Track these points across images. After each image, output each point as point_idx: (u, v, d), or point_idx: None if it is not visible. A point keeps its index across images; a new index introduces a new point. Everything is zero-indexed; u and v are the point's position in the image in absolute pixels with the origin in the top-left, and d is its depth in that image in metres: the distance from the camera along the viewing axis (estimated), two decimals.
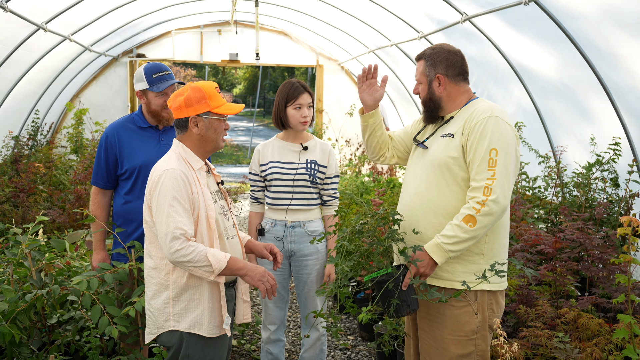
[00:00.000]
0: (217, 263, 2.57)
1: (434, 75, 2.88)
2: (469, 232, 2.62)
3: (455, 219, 2.66)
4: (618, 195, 5.05)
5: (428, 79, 2.89)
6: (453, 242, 2.63)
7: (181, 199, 2.61)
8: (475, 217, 2.61)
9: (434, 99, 2.90)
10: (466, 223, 2.62)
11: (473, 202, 2.64)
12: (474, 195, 2.66)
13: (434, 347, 2.86)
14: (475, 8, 5.70)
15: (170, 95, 2.85)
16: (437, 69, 2.88)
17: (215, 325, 2.74)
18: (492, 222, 2.65)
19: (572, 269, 4.09)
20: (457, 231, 2.63)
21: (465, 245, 2.65)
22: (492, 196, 2.61)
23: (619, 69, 4.68)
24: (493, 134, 2.69)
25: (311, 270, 3.64)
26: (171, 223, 2.57)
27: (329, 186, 3.70)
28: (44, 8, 6.67)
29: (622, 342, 3.02)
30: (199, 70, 29.05)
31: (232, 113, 2.80)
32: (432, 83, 2.88)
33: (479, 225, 2.61)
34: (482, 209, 2.61)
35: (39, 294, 3.02)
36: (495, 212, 2.63)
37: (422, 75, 2.92)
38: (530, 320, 3.49)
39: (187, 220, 2.61)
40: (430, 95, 2.90)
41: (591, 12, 4.51)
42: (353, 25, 9.23)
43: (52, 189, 7.07)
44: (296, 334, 5.26)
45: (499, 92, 6.95)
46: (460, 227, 2.63)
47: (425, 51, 2.95)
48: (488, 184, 2.63)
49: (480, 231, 2.63)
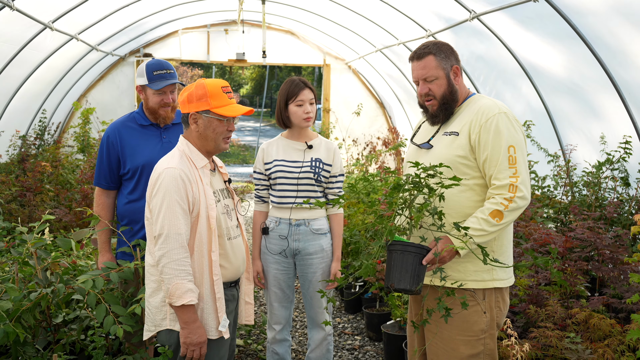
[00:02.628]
0: (177, 293, 2.54)
1: (450, 67, 2.81)
2: (495, 226, 2.61)
3: (481, 213, 2.63)
4: (629, 195, 4.99)
5: (445, 72, 2.80)
6: (479, 235, 2.61)
7: (179, 200, 2.59)
8: (503, 213, 2.61)
9: (454, 92, 2.81)
10: (493, 218, 2.61)
11: (500, 197, 2.62)
12: (499, 192, 2.64)
13: (443, 349, 2.82)
14: (484, 5, 5.65)
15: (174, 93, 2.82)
16: (451, 60, 2.82)
17: (213, 327, 2.71)
18: (515, 217, 2.66)
19: (582, 268, 4.03)
20: (484, 225, 2.61)
21: (488, 239, 2.64)
22: (519, 193, 2.62)
23: (629, 66, 4.62)
24: (508, 131, 2.67)
25: (316, 269, 3.60)
26: (165, 224, 2.56)
27: (334, 185, 3.66)
28: (51, 7, 6.67)
29: (635, 343, 2.96)
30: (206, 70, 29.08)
31: (233, 115, 2.73)
32: (450, 75, 2.81)
33: (505, 220, 2.62)
34: (511, 205, 2.61)
35: (43, 292, 3.00)
36: (521, 208, 2.64)
37: (438, 69, 2.80)
38: (541, 321, 3.44)
39: (183, 222, 2.59)
40: (451, 88, 2.80)
41: (601, 9, 4.45)
42: (360, 24, 9.19)
43: (59, 188, 7.07)
44: (303, 334, 5.22)
45: (507, 90, 6.90)
46: (488, 222, 2.61)
47: (427, 47, 2.84)
48: (512, 182, 2.63)
49: (503, 226, 2.64)
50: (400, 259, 2.55)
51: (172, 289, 2.55)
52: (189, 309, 2.58)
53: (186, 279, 2.56)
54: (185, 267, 2.57)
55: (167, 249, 2.56)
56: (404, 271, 2.53)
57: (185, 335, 2.61)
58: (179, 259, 2.57)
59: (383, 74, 10.62)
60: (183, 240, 2.59)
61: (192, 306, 2.59)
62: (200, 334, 2.62)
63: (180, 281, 2.55)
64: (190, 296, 2.56)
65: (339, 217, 3.70)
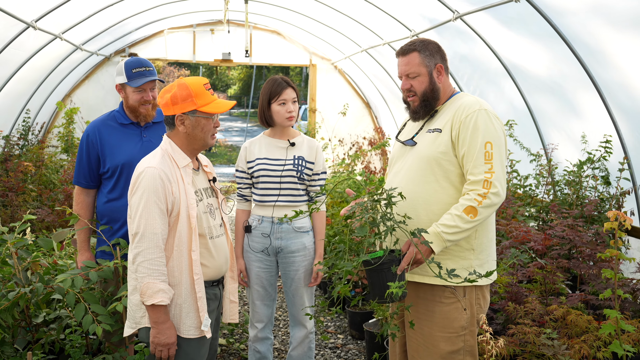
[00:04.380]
0: (148, 292, 2.55)
1: (434, 65, 2.85)
2: (469, 222, 2.62)
3: (455, 210, 2.64)
4: (609, 193, 5.05)
5: (428, 70, 2.84)
6: (453, 232, 2.62)
7: (157, 200, 2.60)
8: (476, 209, 2.61)
9: (435, 89, 2.86)
10: (467, 214, 2.61)
11: (474, 194, 2.63)
12: (473, 188, 2.65)
13: (423, 345, 2.85)
14: (467, 6, 5.70)
15: (160, 91, 2.82)
16: (435, 58, 2.85)
17: (193, 326, 2.71)
18: (490, 213, 2.66)
19: (562, 266, 4.07)
20: (458, 221, 2.62)
21: (462, 236, 2.64)
22: (493, 189, 2.63)
23: (608, 66, 4.68)
24: (486, 127, 2.69)
25: (298, 266, 3.62)
26: (142, 223, 2.57)
27: (316, 182, 3.68)
28: (34, 6, 6.63)
29: (609, 339, 3.00)
30: (192, 71, 29.00)
31: (220, 112, 2.75)
32: (433, 73, 2.85)
33: (479, 216, 2.62)
34: (484, 201, 2.62)
35: (22, 292, 2.99)
36: (495, 204, 2.65)
37: (420, 66, 2.84)
38: (519, 318, 3.47)
39: (160, 222, 2.60)
40: (432, 85, 2.85)
41: (581, 9, 4.50)
42: (346, 25, 9.21)
43: (42, 188, 7.03)
44: (286, 333, 5.23)
45: (490, 89, 6.95)
46: (461, 218, 2.62)
47: (414, 44, 2.88)
48: (487, 177, 2.64)
49: (478, 223, 2.64)
50: (377, 276, 2.59)
51: (144, 288, 2.56)
52: (159, 309, 2.59)
53: (159, 279, 2.57)
54: (158, 267, 2.58)
55: (142, 248, 2.57)
56: (383, 286, 2.56)
57: (154, 335, 2.61)
58: (153, 258, 2.57)
59: (369, 74, 10.66)
60: (159, 240, 2.60)
61: (163, 306, 2.59)
62: (169, 335, 2.62)
63: (153, 281, 2.56)
64: (161, 296, 2.57)
65: (321, 215, 3.71)
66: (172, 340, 2.62)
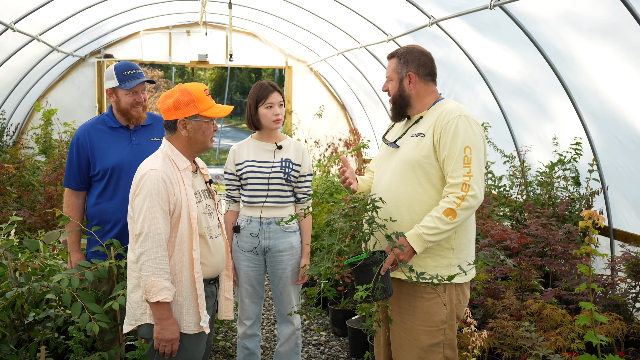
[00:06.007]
0: (153, 290, 2.66)
1: (405, 73, 3.01)
2: (449, 224, 2.75)
3: (435, 212, 2.78)
4: (579, 193, 5.25)
5: (399, 76, 3.02)
6: (433, 233, 2.75)
7: (160, 201, 2.70)
8: (455, 211, 2.75)
9: (404, 96, 3.02)
10: (447, 216, 2.75)
11: (453, 197, 2.77)
12: (452, 190, 2.79)
13: (405, 338, 2.98)
14: (443, 12, 5.85)
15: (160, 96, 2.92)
16: (409, 67, 3.01)
17: (193, 322, 2.81)
18: (469, 215, 2.80)
19: (536, 264, 4.26)
20: (438, 223, 2.75)
21: (443, 236, 2.78)
22: (471, 192, 2.76)
23: (578, 71, 4.87)
24: (466, 132, 2.83)
25: (286, 265, 3.74)
26: (146, 224, 2.66)
27: (303, 184, 3.80)
28: (13, 8, 6.61)
29: (583, 330, 3.18)
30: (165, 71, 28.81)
31: (220, 116, 2.89)
32: (404, 80, 3.01)
33: (458, 218, 2.75)
34: (463, 204, 2.75)
35: (19, 291, 3.05)
36: (473, 207, 2.78)
37: (394, 72, 3.03)
38: (498, 312, 3.64)
39: (163, 222, 2.69)
40: (400, 92, 3.02)
41: (553, 17, 4.69)
42: (322, 28, 9.32)
43: (22, 190, 7.01)
44: (270, 331, 5.34)
45: (465, 93, 7.11)
46: (441, 220, 2.75)
47: (398, 50, 3.07)
48: (465, 181, 2.77)
49: (457, 224, 2.77)
50: (363, 277, 2.73)
51: (149, 286, 2.66)
52: (163, 306, 2.69)
53: (162, 277, 2.67)
54: (162, 265, 2.68)
55: (147, 247, 2.67)
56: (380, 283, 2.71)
57: (158, 331, 2.71)
58: (157, 257, 2.67)
59: (345, 77, 10.79)
60: (162, 240, 2.70)
61: (167, 303, 2.69)
62: (173, 331, 2.72)
63: (157, 279, 2.66)
64: (165, 294, 2.67)
65: (308, 215, 3.83)
66: (175, 336, 2.72)
